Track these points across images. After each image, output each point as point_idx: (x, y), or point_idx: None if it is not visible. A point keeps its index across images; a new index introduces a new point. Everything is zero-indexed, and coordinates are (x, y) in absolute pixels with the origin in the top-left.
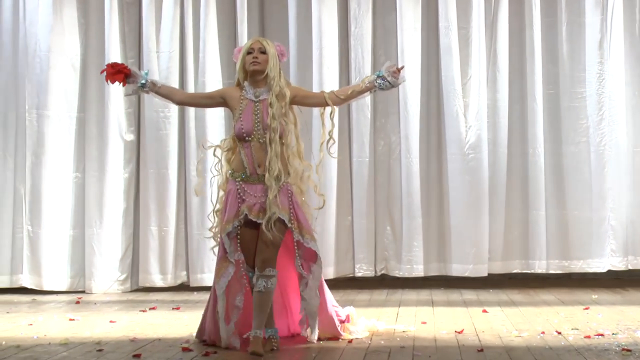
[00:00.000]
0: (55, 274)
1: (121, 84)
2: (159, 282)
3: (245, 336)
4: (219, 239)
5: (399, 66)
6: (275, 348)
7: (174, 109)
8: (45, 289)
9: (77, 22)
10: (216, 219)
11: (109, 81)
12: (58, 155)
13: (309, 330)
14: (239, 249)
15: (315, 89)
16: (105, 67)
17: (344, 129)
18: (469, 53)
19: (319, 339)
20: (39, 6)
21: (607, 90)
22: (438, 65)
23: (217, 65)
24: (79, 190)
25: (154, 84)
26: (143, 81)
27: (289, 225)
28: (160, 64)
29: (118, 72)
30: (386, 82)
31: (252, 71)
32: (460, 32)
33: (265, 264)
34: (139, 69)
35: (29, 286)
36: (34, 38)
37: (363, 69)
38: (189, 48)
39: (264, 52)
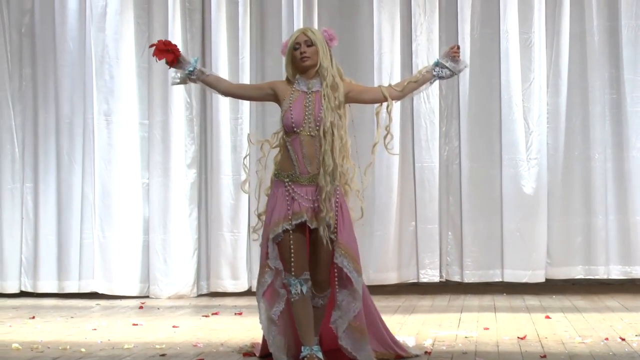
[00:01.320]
0: (122, 279)
1: (169, 63)
2: (230, 287)
3: (301, 356)
4: (262, 242)
5: (456, 46)
6: None
7: (245, 115)
8: (113, 294)
9: (139, 29)
10: (259, 222)
11: (156, 57)
12: (125, 161)
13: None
14: (278, 256)
15: None
16: (157, 42)
17: (407, 133)
18: (531, 58)
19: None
20: (106, 13)
21: None
22: (499, 70)
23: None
24: (144, 196)
25: (202, 72)
26: (191, 68)
27: (331, 235)
28: (231, 71)
29: (168, 51)
30: (445, 70)
31: (303, 67)
32: (522, 37)
33: (323, 286)
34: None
35: (98, 291)
36: (102, 44)
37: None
38: (245, 55)
39: (311, 45)
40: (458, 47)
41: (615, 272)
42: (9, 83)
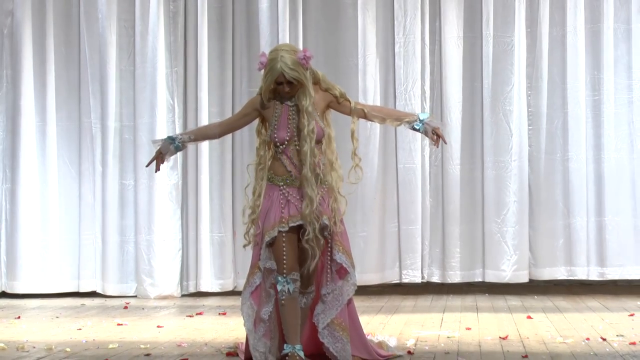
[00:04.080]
0: (110, 279)
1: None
2: (214, 287)
3: (282, 353)
4: (254, 245)
5: (442, 135)
6: None
7: (226, 117)
8: (105, 293)
9: (126, 32)
10: (251, 225)
11: None
12: (116, 163)
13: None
14: (271, 257)
15: (360, 98)
16: None
17: (389, 135)
18: (512, 61)
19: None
20: (99, 19)
21: None
22: (481, 73)
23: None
24: (132, 198)
25: (184, 141)
26: (176, 144)
27: (325, 233)
28: (214, 74)
29: None
30: (421, 128)
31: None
32: (504, 40)
33: (310, 281)
34: (186, 77)
35: (85, 290)
36: (91, 47)
37: (410, 77)
38: (228, 58)
39: (292, 82)
40: (444, 142)
41: (594, 273)
42: None
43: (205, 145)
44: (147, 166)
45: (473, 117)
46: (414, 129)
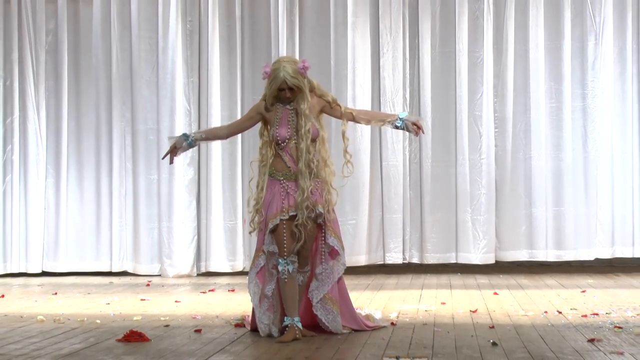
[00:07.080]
0: (137, 260)
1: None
2: (224, 268)
3: (283, 324)
4: (259, 231)
5: (421, 126)
6: (299, 337)
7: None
8: (134, 272)
9: (150, 48)
10: (255, 214)
11: None
12: (143, 161)
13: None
14: (274, 241)
15: (350, 104)
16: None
17: (375, 136)
18: (481, 73)
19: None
20: (127, 37)
21: (598, 105)
22: (455, 83)
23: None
24: (155, 191)
25: (196, 139)
26: (189, 141)
27: (319, 220)
28: (224, 84)
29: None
30: (401, 125)
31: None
32: (474, 55)
33: (305, 261)
34: (200, 86)
35: (116, 270)
36: (125, 62)
37: (393, 86)
38: (237, 70)
39: (292, 89)
40: (422, 131)
41: (552, 255)
42: (35, 94)
43: (217, 145)
44: (162, 158)
45: (447, 121)
46: (396, 127)
